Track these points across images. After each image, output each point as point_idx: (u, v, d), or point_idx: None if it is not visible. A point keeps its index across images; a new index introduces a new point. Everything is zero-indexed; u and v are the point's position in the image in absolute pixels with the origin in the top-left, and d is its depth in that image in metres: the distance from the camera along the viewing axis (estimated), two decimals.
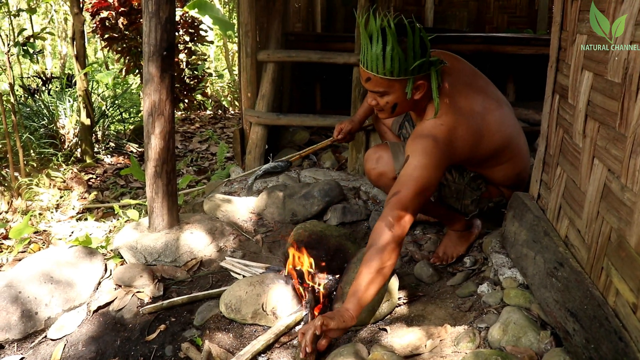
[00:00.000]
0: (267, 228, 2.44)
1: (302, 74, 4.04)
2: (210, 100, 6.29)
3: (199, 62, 5.16)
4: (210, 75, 6.48)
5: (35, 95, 4.88)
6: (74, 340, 1.72)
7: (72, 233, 2.71)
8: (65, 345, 1.69)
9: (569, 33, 1.51)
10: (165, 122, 2.07)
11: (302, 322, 1.66)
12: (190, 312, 1.80)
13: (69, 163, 4.01)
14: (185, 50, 4.74)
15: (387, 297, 1.69)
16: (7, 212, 2.99)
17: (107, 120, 4.84)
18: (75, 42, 4.03)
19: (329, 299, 1.75)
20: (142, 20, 2.02)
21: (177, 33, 4.52)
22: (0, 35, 3.76)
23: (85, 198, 3.40)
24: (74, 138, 4.26)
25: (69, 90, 4.81)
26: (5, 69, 3.69)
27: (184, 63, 4.82)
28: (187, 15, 4.50)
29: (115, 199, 3.44)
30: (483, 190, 1.91)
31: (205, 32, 4.80)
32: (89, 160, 4.09)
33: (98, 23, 4.23)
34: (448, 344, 1.46)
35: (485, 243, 2.00)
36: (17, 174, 3.32)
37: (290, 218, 2.46)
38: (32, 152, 3.82)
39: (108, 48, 4.49)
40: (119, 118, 5.25)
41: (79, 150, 4.20)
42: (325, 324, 1.39)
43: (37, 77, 5.66)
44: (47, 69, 8.55)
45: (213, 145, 4.65)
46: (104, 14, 4.22)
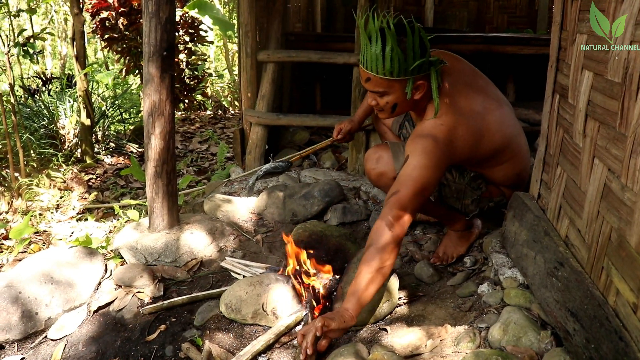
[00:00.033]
0: (267, 228, 2.44)
1: (302, 74, 4.04)
2: (211, 101, 6.29)
3: (199, 62, 5.15)
4: (210, 76, 6.48)
5: (36, 96, 4.88)
6: (74, 341, 1.72)
7: (72, 233, 2.71)
8: (66, 346, 1.69)
9: (569, 33, 1.51)
10: (166, 122, 2.07)
11: (302, 322, 1.66)
12: (191, 312, 1.80)
13: (69, 163, 4.01)
14: (185, 51, 4.74)
15: (387, 297, 1.69)
16: (7, 212, 2.99)
17: (107, 121, 4.84)
18: (75, 42, 4.03)
19: (329, 299, 1.75)
20: (142, 21, 2.02)
21: (177, 33, 4.52)
22: (1, 36, 3.76)
23: (86, 198, 3.40)
24: (74, 138, 4.26)
25: (69, 91, 4.81)
26: (6, 70, 3.69)
27: (184, 63, 4.82)
28: (187, 16, 4.50)
29: (116, 199, 3.44)
30: (483, 190, 1.91)
31: (205, 32, 4.79)
32: (89, 161, 4.09)
33: (98, 23, 4.23)
34: (448, 344, 1.46)
35: (486, 243, 2.00)
36: (17, 175, 3.32)
37: (291, 218, 2.46)
38: (32, 152, 3.82)
39: (108, 48, 4.49)
40: (119, 118, 5.25)
41: (79, 151, 4.20)
42: (326, 325, 1.38)
43: (37, 77, 5.66)
44: (47, 70, 8.55)
45: (213, 146, 4.65)
46: (104, 14, 4.21)
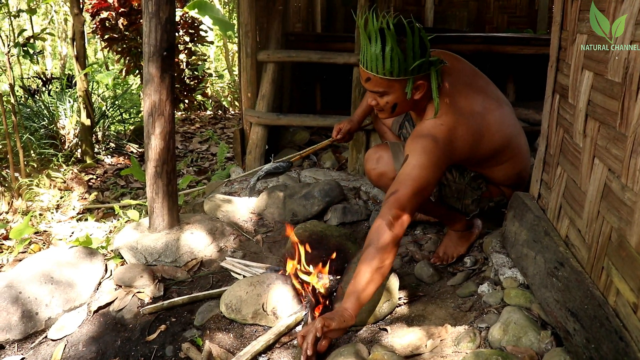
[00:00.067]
0: (267, 228, 2.44)
1: (302, 74, 4.04)
2: (211, 101, 6.29)
3: (199, 62, 5.15)
4: (211, 76, 6.49)
5: (36, 96, 4.88)
6: (75, 341, 1.72)
7: (72, 233, 2.71)
8: (66, 346, 1.69)
9: (569, 33, 1.51)
10: (166, 122, 2.07)
11: (302, 322, 1.66)
12: (191, 312, 1.80)
13: (69, 163, 4.01)
14: (185, 51, 4.74)
15: (387, 297, 1.69)
16: (7, 212, 2.99)
17: (107, 121, 4.84)
18: (75, 42, 4.03)
19: (330, 299, 1.74)
20: (142, 21, 2.02)
21: (177, 33, 4.52)
22: (1, 36, 3.76)
23: (86, 198, 3.40)
24: (74, 138, 4.26)
25: (69, 91, 4.81)
26: (6, 70, 3.69)
27: (184, 63, 4.81)
28: (187, 16, 4.50)
29: (116, 200, 3.44)
30: (484, 190, 1.91)
31: (205, 32, 4.79)
32: (89, 161, 4.09)
33: (98, 24, 4.23)
34: (448, 344, 1.46)
35: (486, 243, 2.00)
36: (17, 175, 3.32)
37: (291, 218, 2.46)
38: (32, 152, 3.82)
39: (108, 48, 4.49)
40: (119, 118, 5.25)
41: (79, 151, 4.20)
42: (327, 325, 1.38)
43: (37, 77, 5.66)
44: (47, 70, 8.55)
45: (213, 146, 4.65)
46: (104, 15, 4.21)
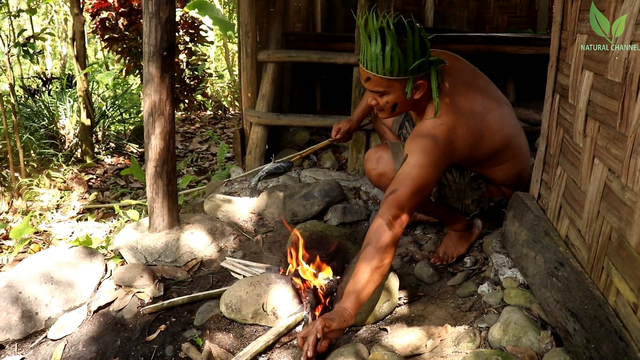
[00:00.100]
0: (267, 228, 2.44)
1: (302, 74, 4.04)
2: (211, 101, 6.29)
3: (199, 62, 5.15)
4: (211, 76, 6.48)
5: (36, 96, 4.88)
6: (75, 341, 1.72)
7: (72, 233, 2.71)
8: (66, 346, 1.69)
9: (569, 33, 1.51)
10: (166, 122, 2.07)
11: (302, 322, 1.66)
12: (191, 312, 1.80)
13: (69, 163, 4.01)
14: (186, 51, 4.74)
15: (387, 297, 1.69)
16: (7, 212, 2.99)
17: (107, 121, 4.84)
18: (76, 42, 4.03)
19: (330, 299, 1.74)
20: (142, 21, 2.02)
21: (177, 33, 4.52)
22: (1, 36, 3.76)
23: (86, 198, 3.40)
24: (74, 138, 4.26)
25: (69, 91, 4.80)
26: (6, 70, 3.69)
27: (184, 63, 4.82)
28: (187, 16, 4.50)
29: (116, 200, 3.44)
30: (484, 190, 1.91)
31: (206, 32, 4.79)
32: (89, 161, 4.09)
33: (98, 23, 4.23)
34: (448, 344, 1.46)
35: (486, 243, 2.00)
36: (17, 175, 3.32)
37: (291, 218, 2.46)
38: (32, 152, 3.82)
39: (108, 48, 4.48)
40: (119, 118, 5.25)
41: (79, 151, 4.20)
42: (327, 326, 1.38)
43: (37, 77, 5.66)
44: (47, 70, 8.55)
45: (213, 146, 4.65)
46: (104, 15, 4.21)
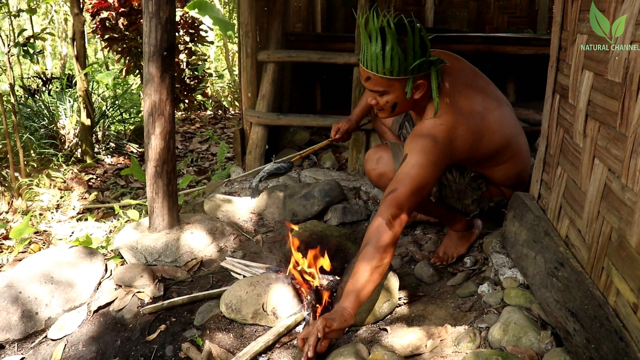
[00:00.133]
0: (267, 228, 2.44)
1: (302, 74, 4.04)
2: (211, 101, 6.29)
3: (199, 62, 5.15)
4: (211, 76, 6.49)
5: (36, 96, 4.87)
6: (75, 341, 1.72)
7: (72, 233, 2.71)
8: (66, 346, 1.69)
9: (570, 33, 1.51)
10: (166, 122, 2.07)
11: (302, 322, 1.66)
12: (191, 312, 1.80)
13: (69, 163, 4.01)
14: (186, 51, 4.74)
15: (387, 297, 1.69)
16: (7, 212, 2.99)
17: (107, 121, 4.84)
18: (76, 42, 4.03)
19: (330, 300, 1.74)
20: (142, 21, 2.02)
21: (177, 33, 4.52)
22: (1, 36, 3.76)
23: (86, 198, 3.40)
24: (74, 138, 4.26)
25: (69, 91, 4.80)
26: (6, 70, 3.69)
27: (184, 63, 4.82)
28: (187, 16, 4.50)
29: (116, 199, 3.44)
30: (484, 190, 1.91)
31: (206, 32, 4.80)
32: (89, 161, 4.09)
33: (98, 23, 4.23)
34: (448, 344, 1.46)
35: (486, 243, 2.00)
36: (17, 175, 3.32)
37: (291, 218, 2.46)
38: (32, 152, 3.82)
39: (108, 48, 4.49)
40: (119, 118, 5.25)
41: (79, 151, 4.20)
42: (328, 326, 1.37)
43: (37, 77, 5.66)
44: (47, 70, 8.56)
45: (213, 146, 4.65)
46: (104, 15, 4.21)
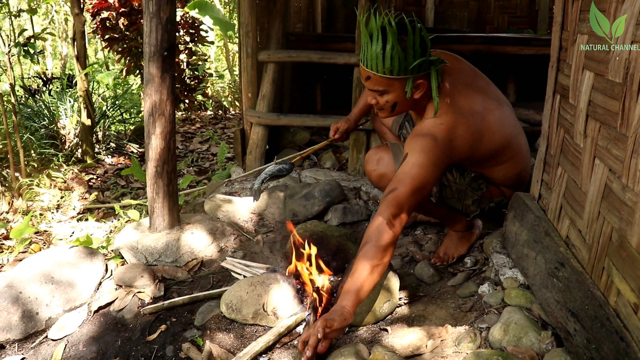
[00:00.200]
0: (268, 228, 2.44)
1: (302, 74, 4.04)
2: (211, 101, 6.30)
3: (200, 62, 5.16)
4: (211, 76, 6.49)
5: (36, 96, 4.88)
6: (75, 341, 1.72)
7: (72, 233, 2.71)
8: (66, 346, 1.69)
9: (570, 33, 1.51)
10: (166, 122, 2.07)
11: (303, 322, 1.66)
12: (191, 312, 1.80)
13: (70, 163, 4.01)
14: (186, 51, 4.74)
15: (388, 297, 1.69)
16: (7, 212, 2.99)
17: (107, 121, 4.84)
18: (76, 42, 4.03)
19: (331, 300, 1.74)
20: (142, 21, 2.02)
21: (177, 33, 4.52)
22: (1, 36, 3.76)
23: (86, 198, 3.40)
24: (75, 138, 4.26)
25: (70, 91, 4.81)
26: (6, 70, 3.69)
27: (185, 63, 4.82)
28: (187, 16, 4.50)
29: (116, 200, 3.44)
30: (484, 191, 1.91)
31: (206, 32, 4.80)
32: (90, 161, 4.09)
33: (99, 23, 4.23)
34: (449, 344, 1.46)
35: (486, 243, 2.00)
36: (17, 175, 3.32)
37: (291, 218, 2.46)
38: (32, 152, 3.83)
39: (109, 48, 4.49)
40: (120, 118, 5.25)
41: (80, 151, 4.20)
42: (329, 326, 1.37)
43: (37, 77, 5.66)
44: (47, 70, 8.56)
45: (214, 146, 4.65)
46: (105, 15, 4.22)
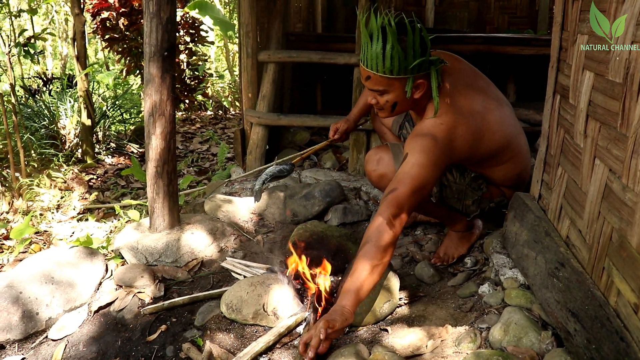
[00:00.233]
0: (268, 228, 2.44)
1: (302, 75, 4.04)
2: (211, 101, 6.30)
3: (200, 62, 5.16)
4: (211, 76, 6.49)
5: (36, 96, 4.88)
6: (75, 341, 1.72)
7: (73, 233, 2.71)
8: (66, 346, 1.69)
9: (570, 33, 1.51)
10: (166, 122, 2.07)
11: (303, 322, 1.66)
12: (191, 312, 1.80)
13: (70, 163, 4.01)
14: (186, 51, 4.75)
15: (388, 297, 1.69)
16: (8, 212, 2.99)
17: (107, 121, 4.84)
18: (76, 42, 4.03)
19: (331, 300, 1.74)
20: (142, 21, 2.02)
21: (177, 34, 4.52)
22: (1, 36, 3.76)
23: (86, 198, 3.40)
24: (75, 138, 4.26)
25: (70, 91, 4.81)
26: (6, 70, 3.69)
27: (185, 64, 4.82)
28: (187, 16, 4.51)
29: (116, 200, 3.44)
30: (484, 191, 1.91)
31: (206, 32, 4.80)
32: (90, 161, 4.09)
33: (99, 24, 4.24)
34: (449, 345, 1.46)
35: (486, 243, 2.00)
36: (18, 175, 3.32)
37: (291, 218, 2.46)
38: (32, 152, 3.83)
39: (109, 49, 4.50)
40: (120, 118, 5.26)
41: (80, 151, 4.20)
42: (331, 327, 1.37)
43: (38, 77, 5.66)
44: (47, 70, 8.57)
45: (214, 146, 4.65)
46: (105, 15, 4.22)
